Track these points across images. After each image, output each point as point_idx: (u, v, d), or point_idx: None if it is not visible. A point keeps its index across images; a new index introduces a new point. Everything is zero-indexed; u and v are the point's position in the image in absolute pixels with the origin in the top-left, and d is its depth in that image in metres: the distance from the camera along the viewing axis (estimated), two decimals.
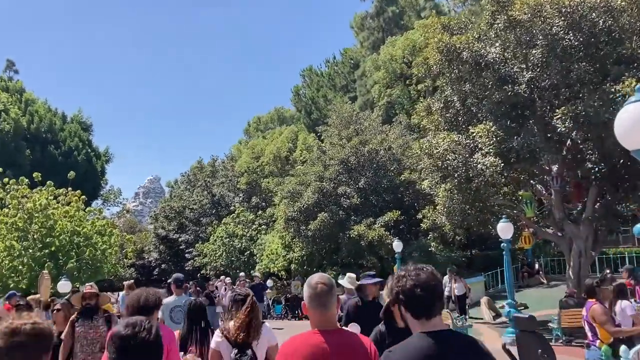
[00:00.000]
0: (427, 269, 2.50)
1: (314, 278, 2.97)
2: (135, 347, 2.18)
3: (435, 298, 2.43)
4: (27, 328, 2.09)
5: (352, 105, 33.76)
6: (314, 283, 2.92)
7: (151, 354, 2.23)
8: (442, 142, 16.15)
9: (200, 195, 47.18)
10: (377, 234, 24.53)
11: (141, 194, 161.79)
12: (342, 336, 2.85)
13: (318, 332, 2.82)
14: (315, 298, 2.87)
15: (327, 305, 2.87)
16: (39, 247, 21.56)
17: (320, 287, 2.88)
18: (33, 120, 39.62)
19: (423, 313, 2.39)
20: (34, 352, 2.10)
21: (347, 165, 27.81)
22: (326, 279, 2.97)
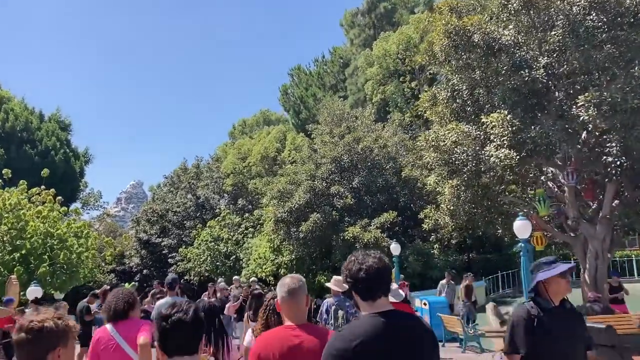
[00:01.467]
0: (375, 254, 2.67)
1: (286, 278, 3.27)
2: (173, 325, 2.32)
3: (379, 281, 2.58)
4: (33, 325, 2.23)
5: (343, 102, 32.44)
6: (285, 282, 3.22)
7: (187, 331, 2.35)
8: (450, 134, 14.85)
9: (184, 198, 45.43)
10: (373, 236, 23.15)
11: (123, 199, 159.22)
12: (310, 329, 3.11)
13: (289, 326, 3.10)
14: (287, 295, 3.15)
15: (297, 301, 3.14)
16: (8, 250, 19.80)
17: (290, 285, 3.17)
18: (8, 119, 37.66)
19: (368, 295, 2.58)
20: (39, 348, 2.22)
21: (339, 164, 26.44)
22: (297, 278, 3.27)
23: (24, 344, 2.24)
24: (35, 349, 2.24)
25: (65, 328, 2.33)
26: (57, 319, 2.33)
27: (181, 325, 2.34)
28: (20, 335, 2.25)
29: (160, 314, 2.39)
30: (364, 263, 2.59)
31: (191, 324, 2.37)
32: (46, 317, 2.31)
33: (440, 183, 17.31)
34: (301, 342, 3.00)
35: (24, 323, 2.26)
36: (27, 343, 2.24)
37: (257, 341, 3.24)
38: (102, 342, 4.27)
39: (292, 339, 3.02)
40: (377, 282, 2.59)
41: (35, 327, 2.24)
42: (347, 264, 2.68)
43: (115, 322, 4.35)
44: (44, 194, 22.55)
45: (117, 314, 4.33)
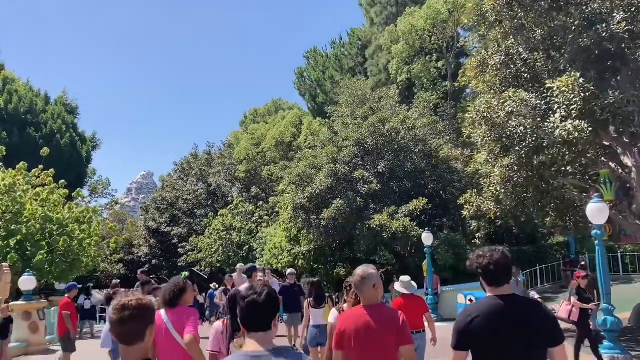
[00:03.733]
0: (499, 250, 3.20)
1: (359, 269, 3.99)
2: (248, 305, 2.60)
3: (503, 272, 3.13)
4: (133, 303, 2.45)
5: (366, 81, 30.31)
6: (358, 272, 3.95)
7: (260, 311, 2.59)
8: (505, 104, 12.71)
9: (194, 185, 43.66)
10: (402, 224, 21.09)
11: (134, 190, 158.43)
12: (380, 309, 3.86)
13: (363, 306, 3.88)
14: (360, 281, 3.88)
15: (369, 286, 3.87)
16: (2, 236, 17.97)
17: (362, 274, 3.89)
18: (11, 100, 35.86)
19: (494, 282, 3.14)
20: (140, 323, 2.45)
21: (363, 147, 24.34)
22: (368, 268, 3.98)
23: (126, 320, 2.41)
24: (137, 324, 2.43)
25: (154, 308, 2.57)
26: (149, 300, 2.55)
27: (255, 306, 2.59)
28: (124, 313, 2.42)
29: (241, 295, 2.69)
30: (492, 258, 3.12)
31: (263, 305, 2.60)
32: (141, 297, 2.53)
33: (485, 164, 15.17)
34: (371, 320, 3.75)
35: (125, 302, 2.45)
36: (131, 319, 2.41)
37: (338, 320, 4.13)
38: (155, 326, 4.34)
39: (365, 316, 3.78)
40: (502, 273, 3.13)
41: (137, 305, 2.44)
42: (477, 258, 3.20)
43: (167, 308, 4.70)
44: (43, 175, 20.67)
45: (168, 301, 4.72)
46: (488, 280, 3.12)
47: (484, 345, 3.00)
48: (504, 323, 2.95)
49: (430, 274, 19.43)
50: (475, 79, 15.12)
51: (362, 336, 3.72)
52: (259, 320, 2.59)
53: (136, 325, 2.44)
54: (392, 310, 3.98)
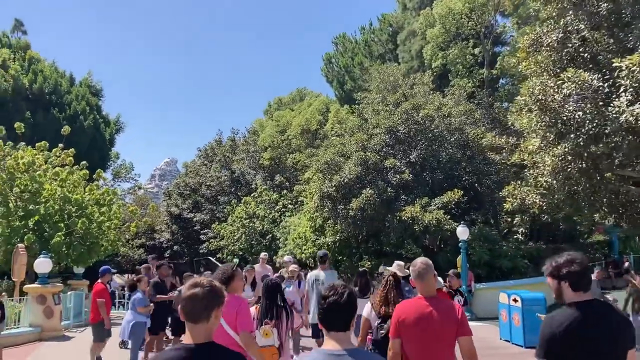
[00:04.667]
0: (580, 256, 3.18)
1: (417, 262, 4.11)
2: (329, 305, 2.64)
3: (589, 278, 3.17)
4: (204, 282, 2.58)
5: (398, 67, 29.07)
6: (417, 265, 4.07)
7: (340, 312, 2.64)
8: (563, 86, 11.49)
9: (218, 172, 42.92)
10: (435, 217, 19.93)
11: (157, 176, 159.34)
12: (438, 301, 3.96)
13: (421, 298, 4.00)
14: (418, 275, 4.02)
15: (427, 279, 4.01)
16: (19, 216, 17.31)
17: (420, 268, 4.02)
18: (36, 80, 35.45)
19: (581, 288, 3.11)
20: (207, 302, 2.52)
21: (395, 134, 23.17)
22: (425, 261, 4.12)
23: (198, 298, 2.51)
24: (207, 303, 2.52)
25: (224, 294, 2.65)
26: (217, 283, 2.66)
27: (336, 306, 2.64)
28: (196, 290, 2.53)
29: (321, 294, 2.73)
30: (574, 262, 3.11)
31: (344, 305, 2.65)
32: (210, 279, 2.70)
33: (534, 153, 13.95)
34: (431, 311, 3.83)
35: (197, 281, 2.60)
36: (202, 298, 2.52)
37: (396, 309, 4.11)
38: None
39: (424, 308, 3.86)
40: (589, 280, 3.16)
41: (207, 286, 2.56)
42: (560, 263, 3.15)
43: None
44: (63, 154, 19.97)
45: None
46: (576, 286, 3.12)
47: (572, 353, 2.98)
48: (591, 329, 2.97)
49: (465, 270, 18.29)
50: (526, 60, 13.88)
51: (422, 326, 3.81)
52: (339, 321, 2.65)
53: (203, 304, 2.51)
54: (450, 302, 4.16)
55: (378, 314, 5.21)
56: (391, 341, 4.00)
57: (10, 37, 40.22)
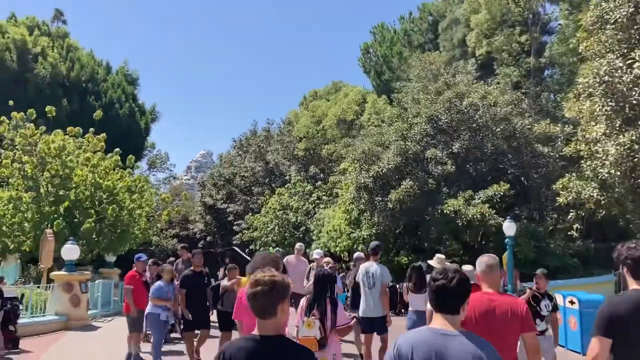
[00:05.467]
0: None
1: (484, 257, 4.08)
2: (437, 288, 2.69)
3: None
4: (265, 279, 2.57)
5: (440, 54, 27.85)
6: (484, 260, 4.03)
7: (448, 295, 2.67)
8: (634, 65, 10.27)
9: (252, 162, 42.42)
10: (479, 211, 18.80)
11: (193, 168, 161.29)
12: (503, 296, 3.96)
13: (487, 293, 3.92)
14: (487, 269, 3.98)
15: (494, 274, 3.99)
16: (50, 201, 16.96)
17: (488, 263, 3.99)
18: (73, 68, 35.51)
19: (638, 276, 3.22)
20: (271, 299, 2.56)
21: (437, 124, 22.04)
22: (492, 257, 4.08)
23: (260, 295, 2.56)
24: (269, 299, 2.56)
25: (288, 285, 2.66)
26: (282, 276, 2.66)
27: (444, 290, 2.67)
28: (257, 289, 2.56)
29: (432, 277, 2.79)
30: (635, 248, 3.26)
31: (453, 290, 2.66)
32: (274, 273, 2.64)
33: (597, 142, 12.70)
34: (496, 306, 3.77)
35: (259, 278, 2.59)
36: (263, 295, 2.55)
37: None
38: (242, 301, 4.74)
39: (489, 302, 3.79)
40: None
41: (269, 282, 2.57)
42: (628, 250, 3.29)
43: None
44: (95, 140, 19.57)
45: None
46: (635, 273, 3.22)
47: (628, 336, 3.10)
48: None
49: (511, 268, 17.13)
50: (587, 40, 12.62)
51: (486, 321, 3.78)
52: (448, 304, 2.68)
53: (266, 301, 2.56)
54: (514, 298, 4.15)
55: None
56: None
57: (50, 26, 40.49)
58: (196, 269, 8.89)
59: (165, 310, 8.48)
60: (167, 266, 9.06)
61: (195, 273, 8.83)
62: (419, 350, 2.52)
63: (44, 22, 39.12)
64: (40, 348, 11.07)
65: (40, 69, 32.85)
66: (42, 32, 36.97)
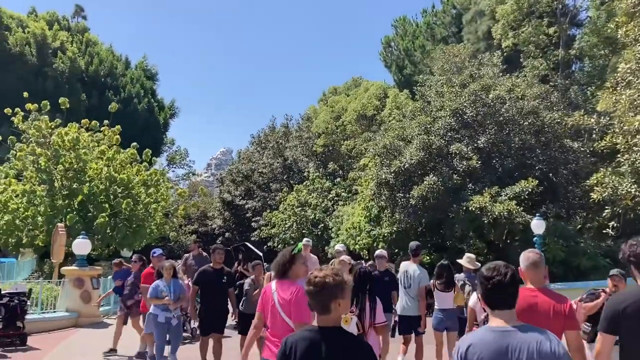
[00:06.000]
0: None
1: (529, 252, 4.03)
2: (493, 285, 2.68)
3: None
4: (318, 279, 2.74)
5: (465, 46, 27.01)
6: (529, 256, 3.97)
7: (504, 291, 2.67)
8: None
9: (270, 159, 41.96)
10: (506, 208, 17.98)
11: (213, 166, 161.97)
12: (548, 292, 3.87)
13: (530, 289, 3.88)
14: (531, 265, 3.90)
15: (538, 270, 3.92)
16: (63, 195, 16.62)
17: (533, 259, 3.93)
18: (92, 62, 35.44)
19: None
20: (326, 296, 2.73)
21: (462, 117, 21.23)
22: (537, 252, 4.05)
23: (312, 294, 2.77)
24: (321, 298, 2.74)
25: (342, 282, 2.78)
26: (335, 275, 2.78)
27: (500, 286, 2.67)
28: (310, 288, 2.76)
29: (483, 275, 2.76)
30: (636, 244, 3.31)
31: (508, 285, 2.67)
32: (326, 273, 2.79)
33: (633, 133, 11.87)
34: (538, 302, 3.75)
35: (311, 278, 2.79)
36: (315, 294, 2.75)
37: None
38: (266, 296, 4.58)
39: (532, 298, 3.76)
40: None
41: (319, 282, 2.75)
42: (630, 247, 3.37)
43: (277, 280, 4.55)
44: (110, 132, 19.19)
45: (276, 273, 4.58)
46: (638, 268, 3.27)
47: (632, 330, 3.14)
48: None
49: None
50: (627, 25, 11.78)
51: (528, 316, 3.51)
52: (504, 300, 2.67)
53: (318, 299, 2.74)
54: (559, 294, 4.05)
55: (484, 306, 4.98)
56: None
57: (70, 21, 40.49)
58: (216, 266, 8.07)
59: (165, 311, 7.80)
60: (167, 263, 8.25)
61: (215, 270, 8.01)
62: (485, 351, 2.53)
63: (64, 17, 39.15)
64: (48, 345, 10.67)
65: (59, 63, 32.77)
66: (61, 27, 36.96)
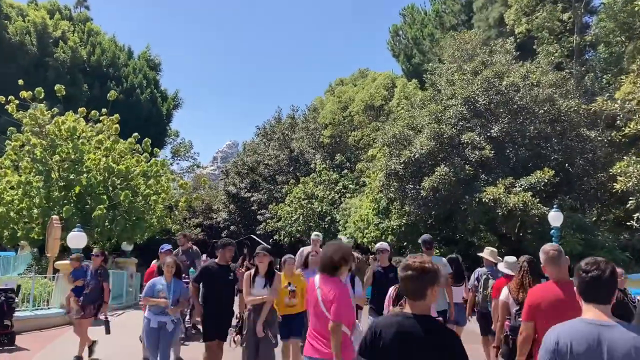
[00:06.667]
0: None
1: (547, 246, 4.26)
2: (591, 279, 2.67)
3: None
4: (415, 265, 2.82)
5: (476, 33, 26.14)
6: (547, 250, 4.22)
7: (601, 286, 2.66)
8: None
9: (276, 150, 41.23)
10: (521, 200, 17.20)
11: (219, 159, 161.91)
12: (572, 285, 3.63)
13: (553, 283, 4.07)
14: (550, 260, 4.13)
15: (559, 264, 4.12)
16: (60, 186, 15.97)
17: (551, 253, 4.15)
18: (94, 52, 34.75)
19: None
20: (421, 283, 2.79)
21: (474, 106, 20.42)
22: (556, 247, 4.27)
23: (410, 279, 2.82)
24: (418, 284, 2.80)
25: (437, 270, 2.87)
26: (430, 263, 2.86)
27: (596, 281, 2.67)
28: (409, 272, 2.82)
29: (581, 268, 2.77)
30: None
31: (607, 280, 2.66)
32: (424, 259, 2.88)
33: None
34: (565, 296, 3.87)
35: (409, 263, 2.85)
36: (413, 279, 2.81)
37: (530, 293, 4.25)
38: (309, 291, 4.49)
39: (558, 292, 3.94)
40: None
41: (419, 267, 2.81)
42: None
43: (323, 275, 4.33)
44: (108, 121, 18.51)
45: (326, 268, 4.31)
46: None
47: None
48: None
49: None
50: None
51: (556, 310, 3.83)
52: (602, 294, 2.67)
53: (415, 284, 2.80)
54: None
55: (516, 300, 5.14)
56: (523, 324, 4.13)
57: (72, 10, 39.80)
58: (220, 262, 7.02)
59: (159, 314, 6.70)
60: (169, 259, 7.12)
61: (220, 267, 6.97)
62: (577, 342, 2.53)
63: (65, 7, 38.45)
64: (38, 345, 10.03)
65: (60, 53, 32.11)
66: (63, 17, 36.29)
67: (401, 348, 2.68)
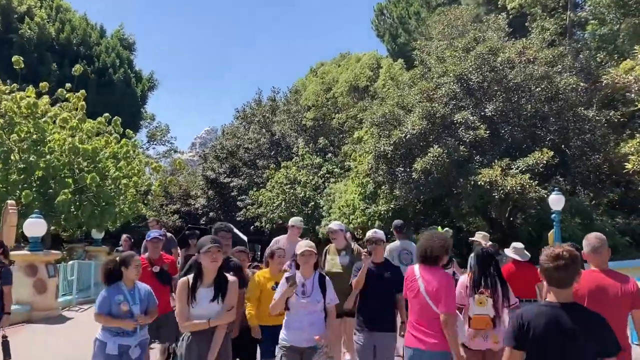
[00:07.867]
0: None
1: (591, 235, 4.33)
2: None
3: None
4: (566, 254, 2.83)
5: (467, 8, 25.01)
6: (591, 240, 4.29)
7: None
8: None
9: (257, 134, 39.79)
10: (519, 182, 16.20)
11: (197, 145, 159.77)
12: (612, 274, 4.10)
13: (594, 271, 4.16)
14: (593, 249, 4.20)
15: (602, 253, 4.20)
16: (18, 168, 14.48)
17: (595, 243, 4.20)
18: (63, 29, 32.81)
19: None
20: (571, 271, 2.82)
21: (467, 84, 19.32)
22: (600, 236, 4.27)
23: (561, 268, 2.82)
24: (570, 272, 2.82)
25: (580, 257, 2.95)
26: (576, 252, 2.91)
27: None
28: (560, 262, 2.81)
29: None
30: None
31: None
32: (569, 247, 2.91)
33: None
34: (606, 283, 4.00)
35: (559, 252, 2.86)
36: (566, 267, 2.81)
37: None
38: (408, 280, 4.39)
39: (600, 280, 4.03)
40: None
41: (569, 256, 2.83)
42: None
43: (424, 265, 4.30)
44: (74, 98, 16.98)
45: (426, 258, 4.28)
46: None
47: None
48: None
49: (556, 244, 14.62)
50: None
51: (596, 297, 3.88)
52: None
53: (565, 273, 2.82)
54: (623, 275, 4.15)
55: None
56: None
57: None
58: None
59: (118, 336, 4.72)
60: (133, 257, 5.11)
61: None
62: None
63: None
64: None
65: (26, 29, 30.16)
66: None
67: (553, 338, 2.73)
